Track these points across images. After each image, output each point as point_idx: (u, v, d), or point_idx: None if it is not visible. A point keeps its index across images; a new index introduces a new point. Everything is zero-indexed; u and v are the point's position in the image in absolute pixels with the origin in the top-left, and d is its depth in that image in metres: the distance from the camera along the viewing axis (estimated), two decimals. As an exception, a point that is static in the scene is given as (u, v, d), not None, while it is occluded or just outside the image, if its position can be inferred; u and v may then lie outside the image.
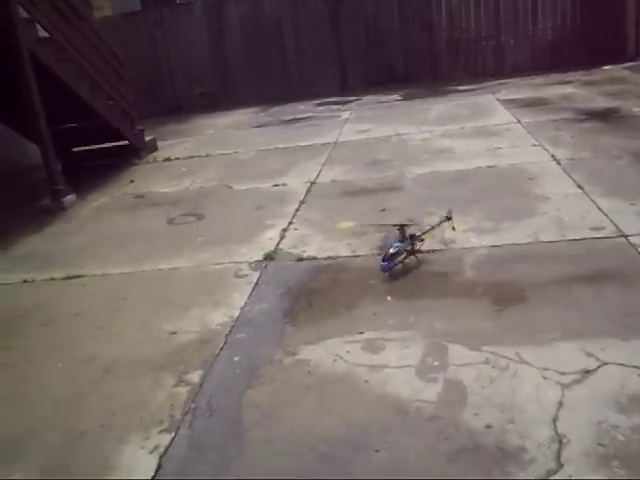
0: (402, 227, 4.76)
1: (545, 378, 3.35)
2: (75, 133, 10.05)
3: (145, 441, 3.38)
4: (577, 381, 3.29)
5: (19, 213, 8.14)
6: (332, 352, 3.91)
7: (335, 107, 12.56)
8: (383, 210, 6.28)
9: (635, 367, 3.33)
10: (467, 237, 5.33)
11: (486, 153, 7.73)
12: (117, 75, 9.98)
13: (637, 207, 5.48)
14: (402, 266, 4.73)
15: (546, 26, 13.12)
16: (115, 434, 3.49)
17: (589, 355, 3.50)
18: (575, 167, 6.74)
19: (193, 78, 14.68)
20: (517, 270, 4.62)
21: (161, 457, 3.20)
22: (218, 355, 4.10)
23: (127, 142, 10.23)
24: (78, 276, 5.76)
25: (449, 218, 5.09)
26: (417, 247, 4.75)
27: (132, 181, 9.01)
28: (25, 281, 5.87)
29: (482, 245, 5.13)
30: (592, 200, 5.77)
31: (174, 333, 4.47)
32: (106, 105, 9.46)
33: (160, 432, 3.44)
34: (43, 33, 8.23)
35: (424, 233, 4.92)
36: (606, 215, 5.39)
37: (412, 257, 4.74)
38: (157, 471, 3.12)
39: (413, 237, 4.73)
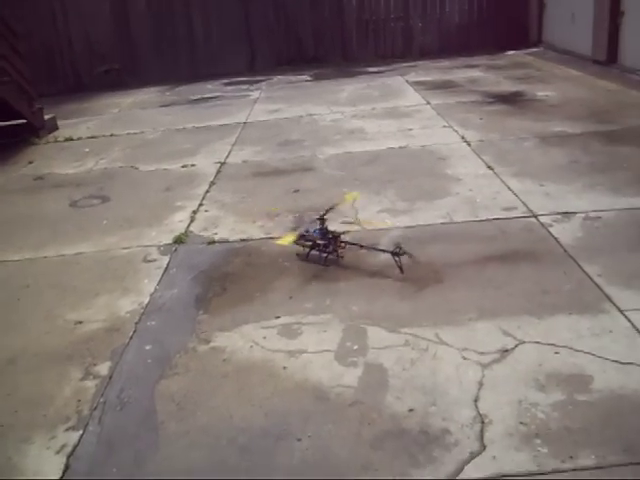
0: (322, 219, 4.65)
1: (465, 358, 3.36)
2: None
3: (51, 440, 3.16)
4: (496, 360, 3.31)
5: None
6: (248, 338, 3.79)
7: (244, 87, 12.32)
8: (296, 191, 6.18)
9: (551, 345, 3.39)
10: (382, 218, 5.30)
11: (398, 134, 7.75)
12: (12, 49, 9.35)
13: (546, 188, 5.61)
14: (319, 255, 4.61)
15: (453, 10, 13.31)
16: (18, 434, 3.25)
17: (506, 334, 3.53)
18: (484, 148, 6.86)
19: (96, 54, 14.02)
20: (432, 251, 4.63)
21: (69, 457, 3.00)
22: (128, 344, 3.89)
23: (25, 121, 9.63)
24: (-29, 264, 5.35)
25: (397, 254, 4.28)
26: (338, 247, 4.56)
27: (31, 162, 8.50)
28: None
29: (396, 226, 5.12)
30: (502, 181, 5.87)
31: (80, 322, 4.21)
32: (1, 81, 8.85)
33: (67, 430, 3.23)
34: None
35: (347, 243, 4.60)
36: (516, 196, 5.49)
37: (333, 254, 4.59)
38: (65, 472, 2.92)
39: (335, 237, 4.56)
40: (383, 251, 4.35)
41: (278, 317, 3.98)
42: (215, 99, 11.57)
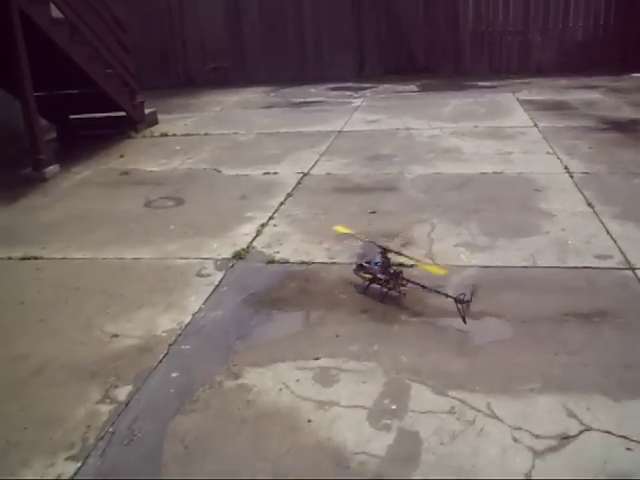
0: (385, 252, 4.22)
1: (516, 440, 2.85)
2: (73, 100, 9.59)
3: (49, 468, 2.96)
4: (552, 449, 2.79)
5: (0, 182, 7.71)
6: (280, 379, 3.44)
7: (348, 93, 11.99)
8: (373, 212, 5.77)
9: (624, 437, 2.82)
10: (457, 253, 4.81)
11: (495, 157, 7.17)
12: (119, 44, 9.47)
13: (650, 235, 4.91)
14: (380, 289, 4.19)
15: (577, 25, 12.39)
16: (20, 454, 3.07)
17: (571, 415, 2.99)
18: (588, 182, 6.17)
19: (207, 52, 14.14)
20: (505, 299, 4.10)
21: (58, 492, 2.76)
22: (155, 368, 3.64)
23: (125, 113, 9.74)
24: (36, 257, 5.33)
25: (461, 301, 3.76)
26: (399, 285, 4.12)
27: (122, 155, 8.55)
28: (-21, 258, 5.44)
29: (472, 264, 4.61)
30: (601, 222, 5.21)
31: (116, 336, 4.01)
32: (104, 74, 8.98)
33: (67, 459, 3.01)
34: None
35: (408, 281, 4.11)
36: (615, 241, 4.84)
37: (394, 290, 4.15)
38: (47, 510, 2.67)
39: (397, 273, 4.11)
40: (447, 296, 3.87)
41: (318, 358, 3.60)
42: (317, 104, 11.32)
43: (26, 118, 7.57)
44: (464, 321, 3.72)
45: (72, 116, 10.16)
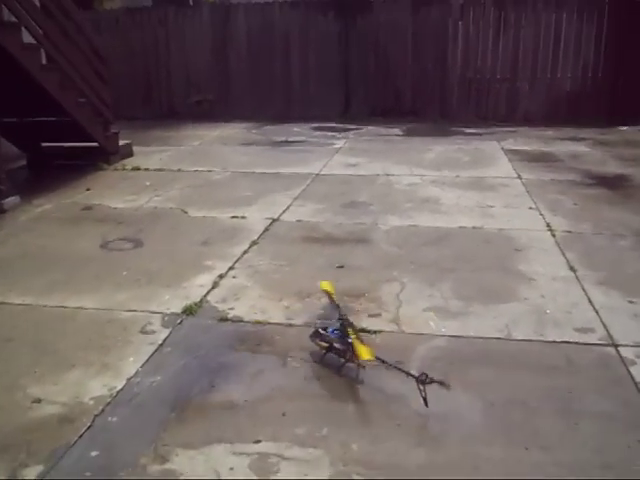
0: (344, 322, 3.84)
1: None
2: (45, 128, 9.25)
3: None
4: None
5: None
6: (212, 466, 3.01)
7: (331, 134, 11.72)
8: (341, 267, 5.39)
9: None
10: (426, 319, 4.42)
11: (476, 210, 6.85)
12: (95, 73, 9.17)
13: (636, 306, 4.56)
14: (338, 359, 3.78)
15: (565, 76, 12.22)
16: None
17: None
18: (571, 242, 5.85)
19: (192, 84, 13.90)
20: (475, 376, 3.71)
21: None
22: (74, 445, 3.20)
23: (98, 144, 9.39)
24: (-28, 301, 4.89)
25: (423, 382, 3.39)
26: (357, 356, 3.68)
27: (88, 189, 8.17)
28: None
29: (441, 333, 4.22)
30: (584, 289, 4.86)
31: (38, 401, 3.58)
32: (76, 102, 8.65)
33: None
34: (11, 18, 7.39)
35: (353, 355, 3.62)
36: (597, 312, 4.48)
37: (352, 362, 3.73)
38: None
39: (349, 345, 3.68)
40: (407, 374, 3.47)
41: (258, 441, 3.18)
42: (298, 143, 11.03)
43: (-15, 146, 7.18)
44: (425, 404, 3.32)
45: (44, 144, 9.81)
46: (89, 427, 3.33)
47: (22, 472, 3.02)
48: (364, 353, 3.55)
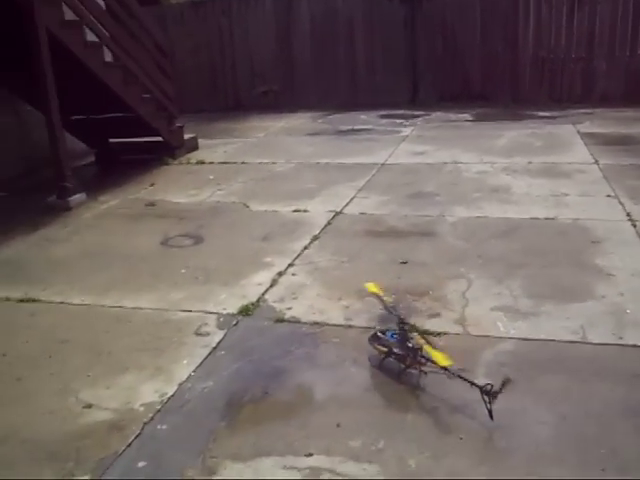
0: (403, 326, 3.61)
1: None
2: (112, 124, 9.32)
3: None
4: None
5: (24, 208, 7.44)
6: (260, 481, 2.85)
7: (399, 121, 11.41)
8: (404, 262, 5.15)
9: None
10: (494, 319, 4.14)
11: (549, 199, 6.45)
12: (159, 68, 9.17)
13: None
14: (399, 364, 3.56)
15: (646, 52, 11.48)
16: None
17: None
18: (655, 234, 5.41)
19: (256, 74, 13.81)
20: (546, 385, 3.42)
21: None
22: (121, 454, 3.11)
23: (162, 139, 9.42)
24: (34, 300, 4.94)
25: (488, 393, 3.08)
26: (418, 362, 3.45)
27: (152, 184, 8.19)
28: (-21, 297, 5.08)
29: (509, 336, 3.93)
30: (669, 286, 4.45)
31: (89, 406, 3.52)
32: (140, 98, 8.68)
33: None
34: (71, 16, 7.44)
35: (427, 360, 3.41)
36: (684, 312, 4.08)
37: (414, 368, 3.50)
38: None
39: (415, 350, 3.46)
40: (471, 384, 3.22)
41: (310, 454, 3.01)
42: (364, 132, 10.78)
43: (51, 144, 7.29)
44: (491, 417, 3.07)
45: (111, 140, 9.92)
46: (138, 435, 3.24)
47: (69, 483, 2.94)
48: (441, 359, 3.31)
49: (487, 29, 11.93)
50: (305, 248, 5.60)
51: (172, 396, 3.55)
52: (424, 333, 3.88)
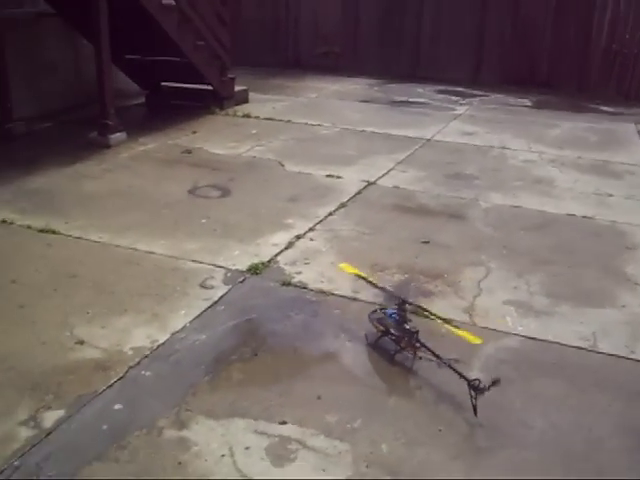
0: (402, 305, 3.49)
1: None
2: (165, 67, 9.29)
3: None
4: None
5: (65, 140, 7.51)
6: (228, 441, 2.83)
7: (455, 99, 11.08)
8: (426, 242, 5.01)
9: None
10: (504, 313, 3.99)
11: (591, 197, 6.19)
12: (216, 15, 9.05)
13: None
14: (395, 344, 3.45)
15: None
16: None
17: None
18: (696, 248, 5.12)
19: (319, 35, 13.55)
20: (540, 391, 3.28)
21: None
22: (100, 394, 3.12)
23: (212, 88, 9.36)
24: (53, 232, 4.99)
25: (475, 388, 2.98)
26: (413, 346, 3.36)
27: (195, 132, 8.15)
28: (4, 221, 5.18)
29: (516, 332, 3.79)
30: (698, 304, 4.22)
31: (81, 343, 3.55)
32: (193, 45, 8.59)
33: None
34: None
35: (422, 345, 3.32)
36: None
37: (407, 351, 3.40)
38: None
39: (412, 333, 3.35)
40: (460, 375, 3.10)
41: (284, 422, 2.96)
42: (417, 105, 10.50)
43: (98, 79, 7.30)
44: (475, 412, 2.96)
45: (163, 84, 9.90)
46: (120, 378, 3.25)
47: (43, 414, 2.96)
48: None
49: (560, 16, 11.39)
50: (329, 214, 5.50)
51: (162, 344, 3.54)
52: (427, 317, 3.77)
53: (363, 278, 3.93)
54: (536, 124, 9.25)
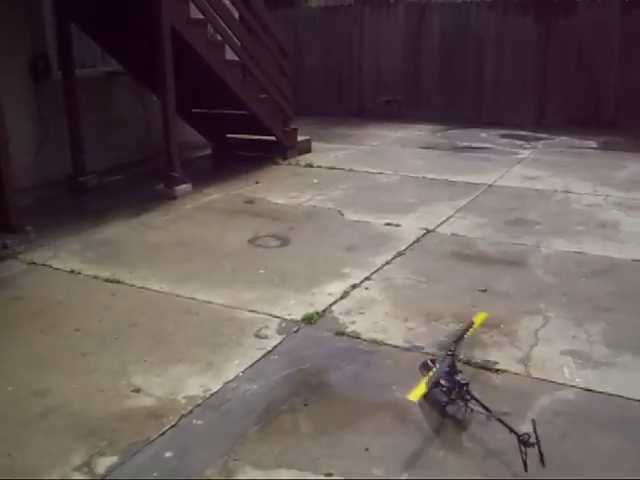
0: (453, 354, 3.47)
1: None
2: (230, 120, 9.64)
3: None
4: None
5: (133, 192, 7.84)
6: (274, 493, 2.83)
7: (519, 142, 10.99)
8: (484, 290, 4.95)
9: None
10: (561, 364, 3.89)
11: (659, 242, 5.98)
12: (278, 67, 9.36)
13: None
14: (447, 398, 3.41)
15: None
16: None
17: None
18: None
19: (382, 83, 13.77)
20: (598, 448, 3.16)
21: None
22: (151, 442, 3.19)
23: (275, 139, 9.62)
24: (118, 281, 5.19)
25: (525, 443, 2.90)
26: (463, 398, 3.29)
27: (257, 182, 8.37)
28: (72, 271, 5.43)
29: (573, 384, 3.67)
30: None
31: (137, 391, 3.65)
32: (255, 97, 8.89)
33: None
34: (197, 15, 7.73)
35: (472, 397, 3.24)
36: None
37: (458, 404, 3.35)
38: None
39: (461, 385, 3.29)
40: (510, 430, 3.03)
41: (330, 475, 2.95)
42: (480, 150, 10.47)
43: (164, 133, 7.61)
44: (525, 468, 2.88)
45: (229, 135, 10.24)
46: (173, 426, 3.32)
47: (97, 460, 3.06)
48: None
49: (626, 54, 11.23)
50: (386, 263, 5.51)
51: (215, 393, 3.60)
52: (481, 368, 3.72)
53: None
54: (603, 166, 9.07)
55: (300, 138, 10.16)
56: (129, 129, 9.30)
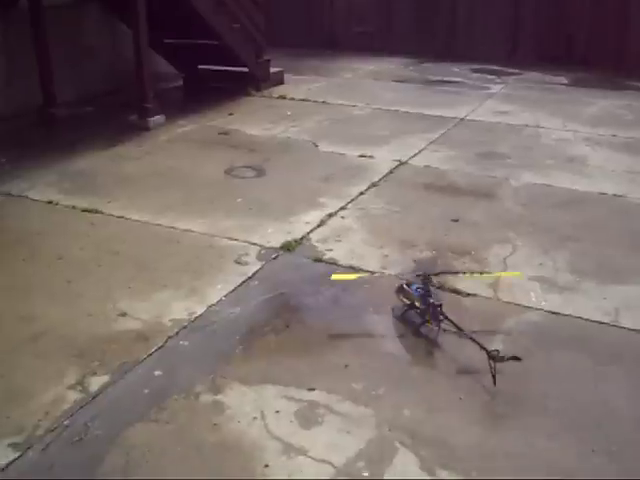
0: (426, 279, 3.64)
1: None
2: (202, 51, 9.47)
3: (-12, 453, 2.74)
4: None
5: (106, 124, 7.76)
6: (259, 406, 3.03)
7: (490, 77, 11.04)
8: (455, 220, 5.13)
9: None
10: (528, 289, 4.10)
11: (623, 176, 6.20)
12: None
13: None
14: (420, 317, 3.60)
15: None
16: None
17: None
18: None
19: (354, 14, 13.58)
20: (559, 364, 3.40)
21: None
22: (141, 362, 3.35)
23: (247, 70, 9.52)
24: (96, 211, 5.25)
25: (494, 357, 3.12)
26: (436, 319, 3.48)
27: (231, 114, 8.34)
28: (50, 202, 5.46)
29: (539, 307, 3.90)
30: None
31: (123, 315, 3.79)
32: (229, 27, 8.76)
33: (9, 445, 2.79)
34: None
35: (445, 317, 3.44)
36: None
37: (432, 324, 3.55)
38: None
39: (434, 307, 3.47)
40: (480, 346, 3.24)
41: (312, 389, 3.15)
42: (452, 84, 10.50)
43: (136, 64, 7.51)
44: (494, 382, 3.10)
45: (200, 66, 10.09)
46: (160, 347, 3.47)
47: (90, 379, 3.20)
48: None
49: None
50: (361, 194, 5.64)
51: (199, 316, 3.75)
52: (453, 292, 3.92)
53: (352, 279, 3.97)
54: (571, 102, 9.21)
55: (273, 70, 10.07)
56: (98, 59, 9.10)
